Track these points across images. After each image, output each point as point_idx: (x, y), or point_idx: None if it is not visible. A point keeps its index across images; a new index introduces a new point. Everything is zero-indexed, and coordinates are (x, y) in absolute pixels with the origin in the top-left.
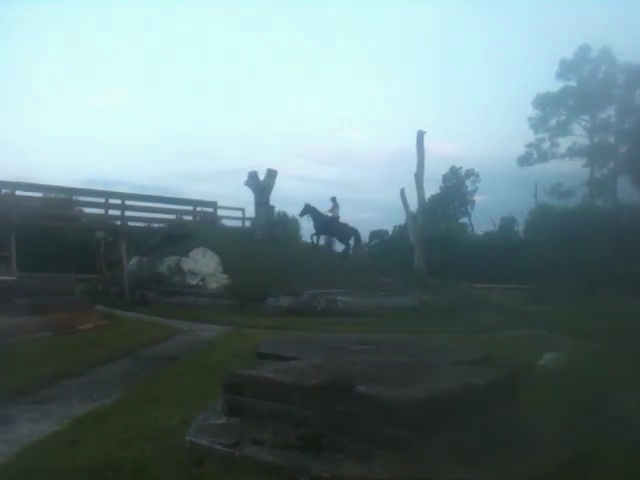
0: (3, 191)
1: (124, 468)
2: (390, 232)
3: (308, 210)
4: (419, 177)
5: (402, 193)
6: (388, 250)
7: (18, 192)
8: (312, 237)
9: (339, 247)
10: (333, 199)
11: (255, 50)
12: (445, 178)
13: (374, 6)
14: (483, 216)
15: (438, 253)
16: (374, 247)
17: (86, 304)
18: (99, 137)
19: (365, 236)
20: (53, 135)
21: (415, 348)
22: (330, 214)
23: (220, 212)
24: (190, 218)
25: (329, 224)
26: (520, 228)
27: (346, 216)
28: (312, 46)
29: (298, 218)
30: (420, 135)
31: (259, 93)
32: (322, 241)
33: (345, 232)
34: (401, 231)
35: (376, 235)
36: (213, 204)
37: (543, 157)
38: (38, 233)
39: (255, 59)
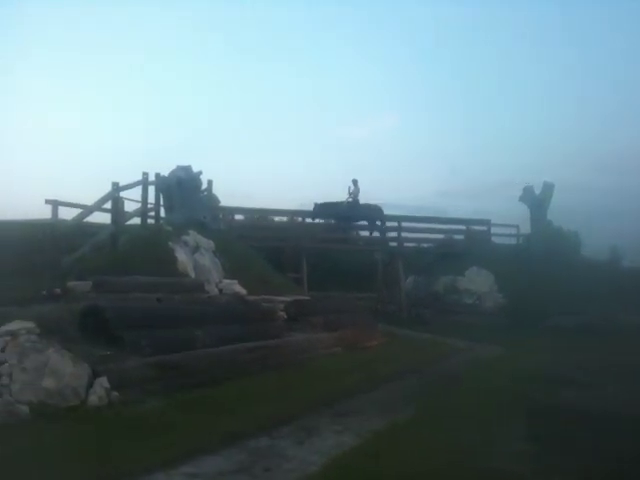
0: (299, 219)
1: None
2: None
3: (319, 208)
4: None
5: None
6: None
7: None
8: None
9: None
10: (354, 181)
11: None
12: None
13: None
14: None
15: None
16: None
17: (371, 322)
18: (360, 162)
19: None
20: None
21: None
22: (351, 199)
23: (492, 229)
24: (461, 237)
25: (350, 210)
26: None
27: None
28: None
29: (577, 232)
30: None
31: (528, 99)
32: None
33: (371, 213)
34: None
35: None
36: (486, 222)
37: None
38: (321, 255)
39: (522, 64)
